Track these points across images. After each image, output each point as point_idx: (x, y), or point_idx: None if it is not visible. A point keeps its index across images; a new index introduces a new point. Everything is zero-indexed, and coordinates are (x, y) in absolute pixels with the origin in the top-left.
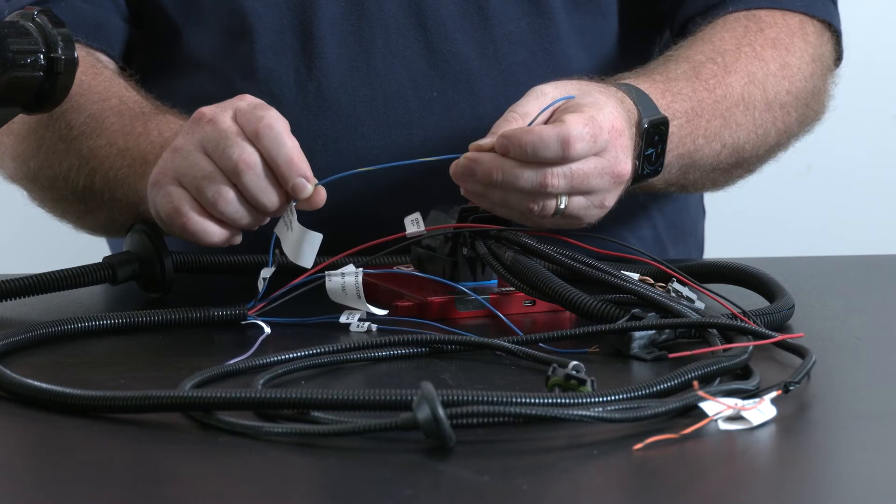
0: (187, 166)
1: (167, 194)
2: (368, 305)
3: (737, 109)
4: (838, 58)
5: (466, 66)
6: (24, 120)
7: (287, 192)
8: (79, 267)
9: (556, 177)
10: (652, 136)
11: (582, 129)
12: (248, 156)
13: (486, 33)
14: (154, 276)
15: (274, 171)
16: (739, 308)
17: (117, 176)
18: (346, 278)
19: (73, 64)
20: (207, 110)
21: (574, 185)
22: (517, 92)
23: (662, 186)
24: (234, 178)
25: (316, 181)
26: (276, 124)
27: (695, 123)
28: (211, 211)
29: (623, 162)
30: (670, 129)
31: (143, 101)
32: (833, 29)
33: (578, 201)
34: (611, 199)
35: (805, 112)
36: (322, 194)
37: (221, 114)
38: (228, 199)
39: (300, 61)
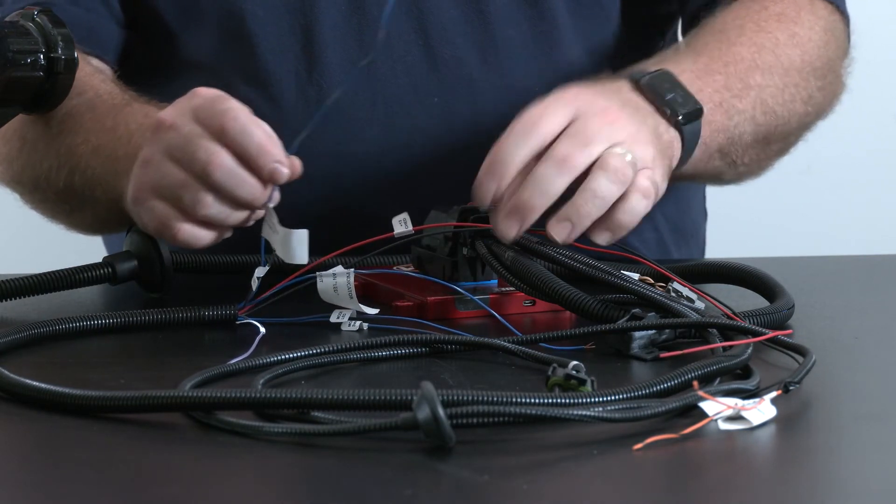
0: (160, 177)
1: (149, 210)
2: (360, 305)
3: (755, 73)
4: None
5: (467, 72)
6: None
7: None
8: (78, 267)
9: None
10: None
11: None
12: (215, 156)
13: (488, 38)
14: (154, 276)
15: (248, 161)
16: (729, 307)
17: (94, 174)
18: (338, 278)
19: (73, 64)
20: (166, 115)
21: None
22: (518, 97)
23: (721, 150)
24: (206, 180)
25: (289, 158)
26: (240, 115)
27: (705, 80)
28: (195, 217)
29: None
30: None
31: (119, 91)
32: (841, 13)
33: (613, 152)
34: (635, 143)
35: (823, 84)
36: (298, 164)
37: (180, 117)
38: (208, 202)
39: (301, 65)
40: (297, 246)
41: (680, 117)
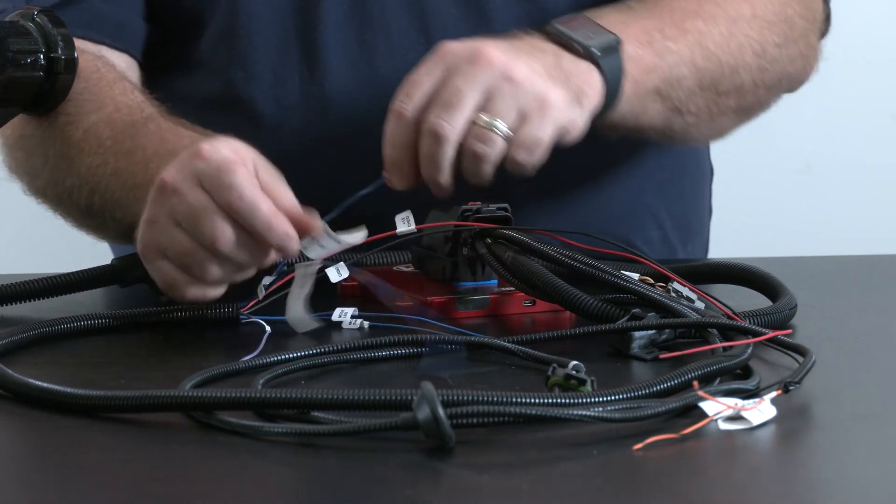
0: (167, 241)
1: (157, 269)
2: (345, 237)
3: (694, 20)
4: (826, 14)
5: None
6: (31, 134)
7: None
8: (88, 269)
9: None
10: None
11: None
12: (222, 232)
13: (488, 37)
14: None
15: (255, 237)
16: (729, 307)
17: (114, 197)
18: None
19: (73, 64)
20: (169, 179)
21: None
22: None
23: (657, 106)
24: (214, 252)
25: (306, 213)
26: (245, 192)
27: (631, 25)
28: (203, 280)
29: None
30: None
31: (136, 105)
32: None
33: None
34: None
35: (783, 41)
36: (316, 223)
37: (184, 182)
38: (215, 271)
39: (303, 64)
40: (300, 323)
41: (593, 49)
